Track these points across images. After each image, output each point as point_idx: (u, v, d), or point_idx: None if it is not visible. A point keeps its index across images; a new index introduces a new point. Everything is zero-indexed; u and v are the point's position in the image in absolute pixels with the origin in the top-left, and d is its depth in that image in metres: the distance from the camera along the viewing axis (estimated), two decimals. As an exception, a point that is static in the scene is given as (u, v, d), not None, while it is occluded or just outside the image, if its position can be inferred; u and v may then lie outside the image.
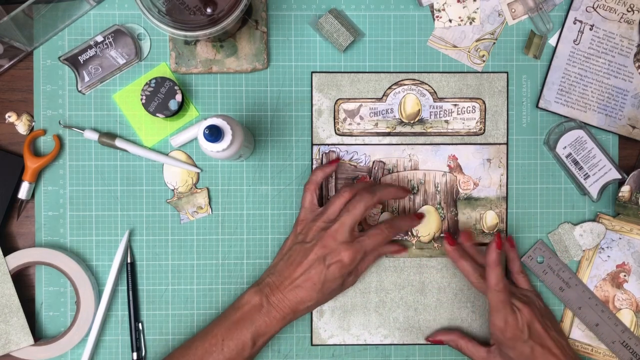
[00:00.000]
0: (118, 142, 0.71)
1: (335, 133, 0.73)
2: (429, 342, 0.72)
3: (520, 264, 0.71)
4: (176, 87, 0.68)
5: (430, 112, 0.73)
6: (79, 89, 0.71)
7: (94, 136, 0.71)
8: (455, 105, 0.73)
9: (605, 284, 0.73)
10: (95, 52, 0.71)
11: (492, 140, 0.73)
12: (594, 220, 0.73)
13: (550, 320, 0.69)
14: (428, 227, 0.73)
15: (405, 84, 0.73)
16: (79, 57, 0.71)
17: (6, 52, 0.70)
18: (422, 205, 0.73)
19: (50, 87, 0.72)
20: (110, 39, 0.71)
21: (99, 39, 0.71)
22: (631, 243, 0.73)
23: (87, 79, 0.71)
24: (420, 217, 0.71)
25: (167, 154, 0.72)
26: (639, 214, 0.72)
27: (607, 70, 0.73)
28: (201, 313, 0.72)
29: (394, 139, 0.73)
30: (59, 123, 0.71)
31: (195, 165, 0.72)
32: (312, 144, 0.73)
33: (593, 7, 0.73)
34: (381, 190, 0.67)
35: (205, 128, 0.58)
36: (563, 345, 0.67)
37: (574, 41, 0.73)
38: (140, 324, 0.72)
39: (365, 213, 0.66)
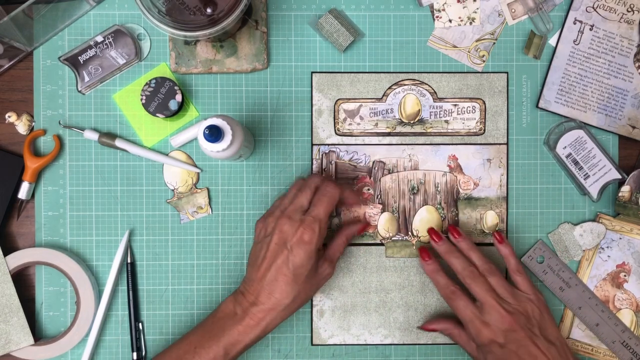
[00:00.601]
0: (118, 142, 0.71)
1: (335, 133, 0.73)
2: (422, 330, 0.72)
3: (516, 261, 0.68)
4: (176, 87, 0.68)
5: (430, 112, 0.73)
6: (79, 89, 0.71)
7: (94, 136, 0.71)
8: (455, 105, 0.73)
9: (605, 284, 0.73)
10: (95, 52, 0.71)
11: (492, 140, 0.73)
12: (594, 220, 0.73)
13: (544, 327, 0.66)
14: (428, 227, 0.73)
15: (405, 84, 0.73)
16: (79, 57, 0.71)
17: (6, 52, 0.70)
18: (423, 205, 0.73)
19: (50, 87, 0.72)
20: (110, 39, 0.71)
21: (99, 39, 0.71)
22: (631, 243, 0.73)
23: (87, 79, 0.71)
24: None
25: (167, 154, 0.72)
26: (639, 214, 0.72)
27: (607, 70, 0.73)
28: (201, 313, 0.72)
29: (394, 139, 0.73)
30: (59, 123, 0.71)
31: (195, 166, 0.72)
32: (312, 144, 0.73)
33: (593, 7, 0.73)
34: (344, 187, 0.67)
35: (205, 128, 0.58)
36: (553, 353, 0.64)
37: (574, 41, 0.73)
38: (140, 324, 0.72)
39: (332, 206, 0.65)
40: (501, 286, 0.66)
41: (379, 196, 0.73)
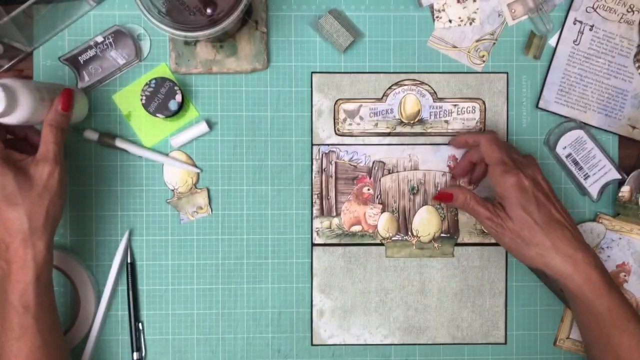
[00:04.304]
0: (118, 142, 0.71)
1: (335, 133, 0.73)
2: (437, 201, 0.72)
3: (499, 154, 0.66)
4: (176, 88, 0.68)
5: (430, 112, 0.73)
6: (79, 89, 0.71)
7: (94, 136, 0.71)
8: (455, 105, 0.73)
9: (605, 284, 0.73)
10: (96, 52, 0.71)
11: (492, 140, 0.73)
12: (594, 220, 0.73)
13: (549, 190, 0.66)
14: (428, 228, 0.73)
15: (405, 84, 0.73)
16: (79, 58, 0.71)
17: (6, 52, 0.70)
18: (422, 206, 0.73)
19: (51, 87, 0.72)
20: (110, 40, 0.71)
21: (99, 39, 0.71)
22: (631, 243, 0.73)
23: (87, 79, 0.71)
24: (64, 97, 0.63)
25: (167, 154, 0.72)
26: (639, 214, 0.72)
27: (607, 71, 0.73)
28: (201, 313, 0.72)
29: (394, 139, 0.73)
30: None
31: (195, 166, 0.72)
32: (312, 144, 0.73)
33: (593, 8, 0.73)
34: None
35: None
36: (566, 211, 0.65)
37: (574, 41, 0.73)
38: (140, 324, 0.72)
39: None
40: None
41: (379, 196, 0.73)
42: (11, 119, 0.58)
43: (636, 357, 0.60)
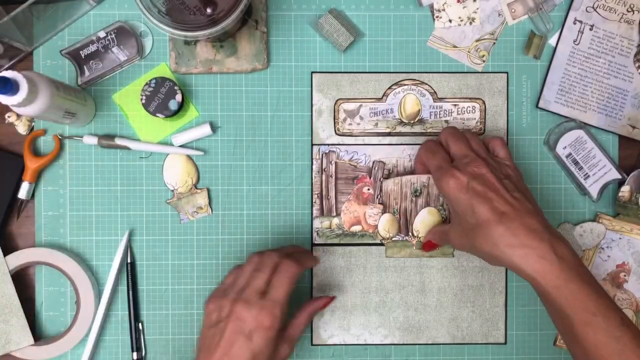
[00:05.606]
0: (118, 140, 0.71)
1: (335, 133, 0.73)
2: (424, 250, 0.72)
3: (501, 142, 0.66)
4: (176, 87, 0.68)
5: (430, 112, 0.73)
6: (79, 83, 0.71)
7: (93, 140, 0.71)
8: (455, 105, 0.73)
9: (605, 284, 0.73)
10: (97, 47, 0.71)
11: (492, 140, 0.73)
12: (594, 220, 0.73)
13: (511, 184, 0.62)
14: (429, 228, 0.73)
15: (405, 84, 0.73)
16: (81, 52, 0.71)
17: (6, 52, 0.70)
18: (424, 207, 0.73)
19: (50, 87, 0.72)
20: (113, 35, 0.71)
21: (102, 34, 0.71)
22: (631, 243, 0.73)
23: (87, 73, 0.71)
24: (318, 260, 0.70)
25: (167, 154, 0.72)
26: (639, 214, 0.72)
27: (607, 70, 0.73)
28: (201, 313, 0.72)
29: (394, 139, 0.73)
30: (58, 135, 0.71)
31: (195, 160, 0.72)
32: (312, 144, 0.73)
33: (593, 7, 0.73)
34: (303, 261, 0.63)
35: None
36: (518, 199, 0.60)
37: (574, 41, 0.73)
38: (140, 324, 0.72)
39: (293, 286, 0.60)
40: (481, 148, 0.65)
41: (379, 196, 0.73)
42: (30, 110, 0.60)
43: (605, 354, 0.55)
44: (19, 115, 0.71)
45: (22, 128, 0.71)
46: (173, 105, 0.68)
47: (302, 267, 0.62)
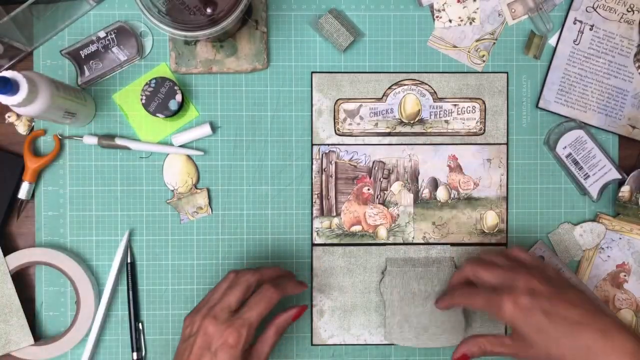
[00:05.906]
0: (118, 140, 0.71)
1: (335, 133, 0.73)
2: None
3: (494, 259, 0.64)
4: (176, 87, 0.68)
5: (430, 112, 0.73)
6: (79, 83, 0.71)
7: (93, 140, 0.71)
8: (455, 105, 0.73)
9: (605, 284, 0.73)
10: (97, 47, 0.71)
11: (492, 140, 0.73)
12: (594, 220, 0.73)
13: (559, 281, 0.60)
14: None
15: (405, 84, 0.73)
16: (81, 52, 0.71)
17: (6, 52, 0.70)
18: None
19: (50, 87, 0.72)
20: (113, 35, 0.71)
21: (102, 34, 0.71)
22: (631, 243, 0.73)
23: (87, 73, 0.71)
24: (304, 286, 0.66)
25: (167, 154, 0.72)
26: (639, 214, 0.72)
27: (607, 70, 0.73)
28: (201, 313, 0.72)
29: (394, 139, 0.73)
30: (58, 135, 0.71)
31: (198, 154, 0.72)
32: (312, 144, 0.73)
33: (593, 7, 0.73)
34: (285, 287, 0.62)
35: None
36: (576, 299, 0.58)
37: (574, 41, 0.73)
38: (140, 324, 0.72)
39: (269, 310, 0.60)
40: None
41: (380, 196, 0.73)
42: (30, 110, 0.60)
43: None
44: (19, 115, 0.71)
45: (22, 128, 0.71)
46: (173, 105, 0.68)
47: (282, 293, 0.61)
